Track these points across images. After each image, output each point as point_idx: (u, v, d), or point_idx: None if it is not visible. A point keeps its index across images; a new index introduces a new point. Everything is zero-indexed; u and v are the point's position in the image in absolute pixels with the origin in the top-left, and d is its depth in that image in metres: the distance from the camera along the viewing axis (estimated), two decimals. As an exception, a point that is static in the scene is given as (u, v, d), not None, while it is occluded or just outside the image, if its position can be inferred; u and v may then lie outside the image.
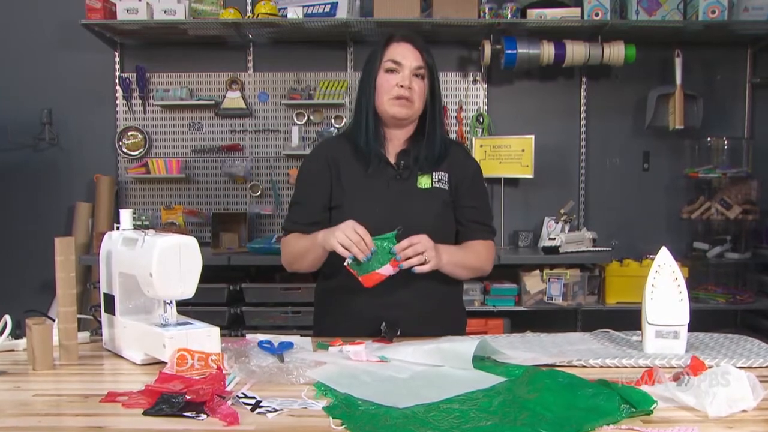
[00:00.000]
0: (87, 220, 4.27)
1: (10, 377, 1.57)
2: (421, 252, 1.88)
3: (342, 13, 3.93)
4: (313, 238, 1.99)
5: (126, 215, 1.82)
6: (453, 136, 4.26)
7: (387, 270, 1.89)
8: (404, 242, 1.88)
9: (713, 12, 3.86)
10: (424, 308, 2.05)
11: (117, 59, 4.36)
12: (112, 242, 1.80)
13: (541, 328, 2.11)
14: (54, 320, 1.72)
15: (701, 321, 1.98)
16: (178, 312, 1.69)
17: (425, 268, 1.89)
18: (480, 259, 2.10)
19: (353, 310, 2.05)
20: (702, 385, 1.31)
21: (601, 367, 1.62)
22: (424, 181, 2.07)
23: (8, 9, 4.34)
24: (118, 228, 1.82)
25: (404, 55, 2.02)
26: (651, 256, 3.72)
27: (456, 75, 4.36)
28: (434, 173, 2.08)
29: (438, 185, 2.08)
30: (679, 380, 1.38)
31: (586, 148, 4.39)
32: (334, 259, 1.96)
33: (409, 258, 1.87)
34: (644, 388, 1.36)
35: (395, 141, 2.13)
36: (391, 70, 2.03)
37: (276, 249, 3.70)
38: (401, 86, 2.01)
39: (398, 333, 1.92)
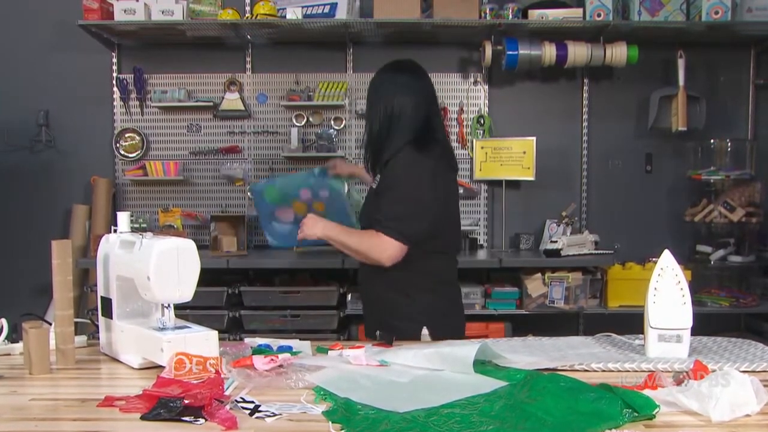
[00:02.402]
0: (84, 222, 4.25)
1: (6, 381, 1.57)
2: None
3: (341, 14, 3.91)
4: None
5: (123, 218, 1.82)
6: (454, 137, 4.26)
7: None
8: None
9: (716, 12, 3.84)
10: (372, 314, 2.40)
11: (114, 60, 4.35)
12: (109, 245, 1.79)
13: (543, 332, 2.10)
14: (51, 324, 1.71)
15: (704, 325, 1.98)
16: (176, 315, 1.68)
17: (299, 236, 2.36)
18: (360, 243, 2.25)
19: None
20: (705, 389, 1.30)
21: (604, 371, 1.61)
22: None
23: (4, 10, 4.32)
24: (115, 231, 1.81)
25: None
26: (654, 259, 3.70)
27: (457, 76, 4.35)
28: (377, 176, 2.34)
29: (373, 185, 2.36)
30: (682, 384, 1.38)
31: (588, 150, 4.38)
32: None
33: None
34: (647, 392, 1.36)
35: None
36: None
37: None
38: None
39: (394, 338, 1.92)
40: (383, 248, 2.19)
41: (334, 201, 3.05)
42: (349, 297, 3.79)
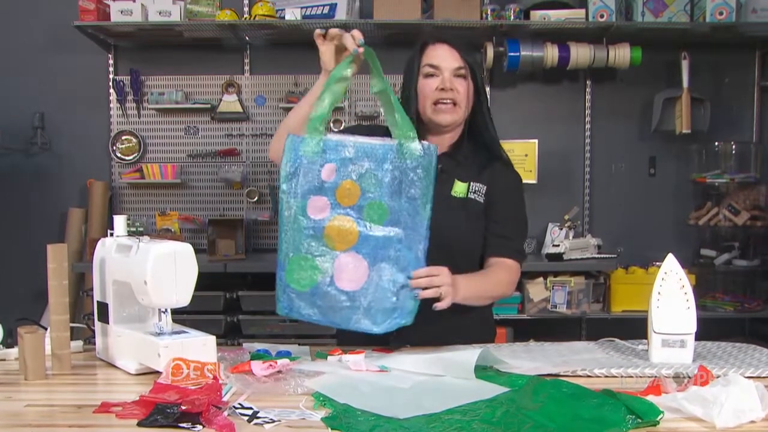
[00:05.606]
0: (80, 226, 4.23)
1: (1, 387, 1.55)
2: (437, 285, 1.71)
3: (341, 15, 3.91)
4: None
5: (120, 221, 1.80)
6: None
7: None
8: (422, 271, 1.71)
9: (721, 13, 3.82)
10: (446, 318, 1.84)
11: (111, 62, 4.33)
12: (105, 249, 1.78)
13: (545, 337, 2.09)
14: (46, 329, 1.70)
15: (709, 330, 1.96)
16: (174, 320, 1.67)
17: (442, 305, 1.72)
18: (501, 287, 1.97)
19: None
20: (709, 395, 1.29)
21: (606, 376, 1.60)
22: (459, 190, 1.98)
23: (-1, 10, 4.32)
24: (111, 234, 1.80)
25: (442, 57, 1.96)
26: (657, 263, 3.69)
27: (458, 78, 4.33)
28: (472, 183, 1.99)
29: (473, 196, 1.98)
30: (686, 390, 1.36)
31: (591, 152, 4.36)
32: None
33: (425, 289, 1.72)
34: (650, 398, 1.35)
35: (439, 145, 1.90)
36: (429, 75, 1.97)
37: None
38: (442, 89, 1.94)
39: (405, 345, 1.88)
40: (514, 279, 1.97)
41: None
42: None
